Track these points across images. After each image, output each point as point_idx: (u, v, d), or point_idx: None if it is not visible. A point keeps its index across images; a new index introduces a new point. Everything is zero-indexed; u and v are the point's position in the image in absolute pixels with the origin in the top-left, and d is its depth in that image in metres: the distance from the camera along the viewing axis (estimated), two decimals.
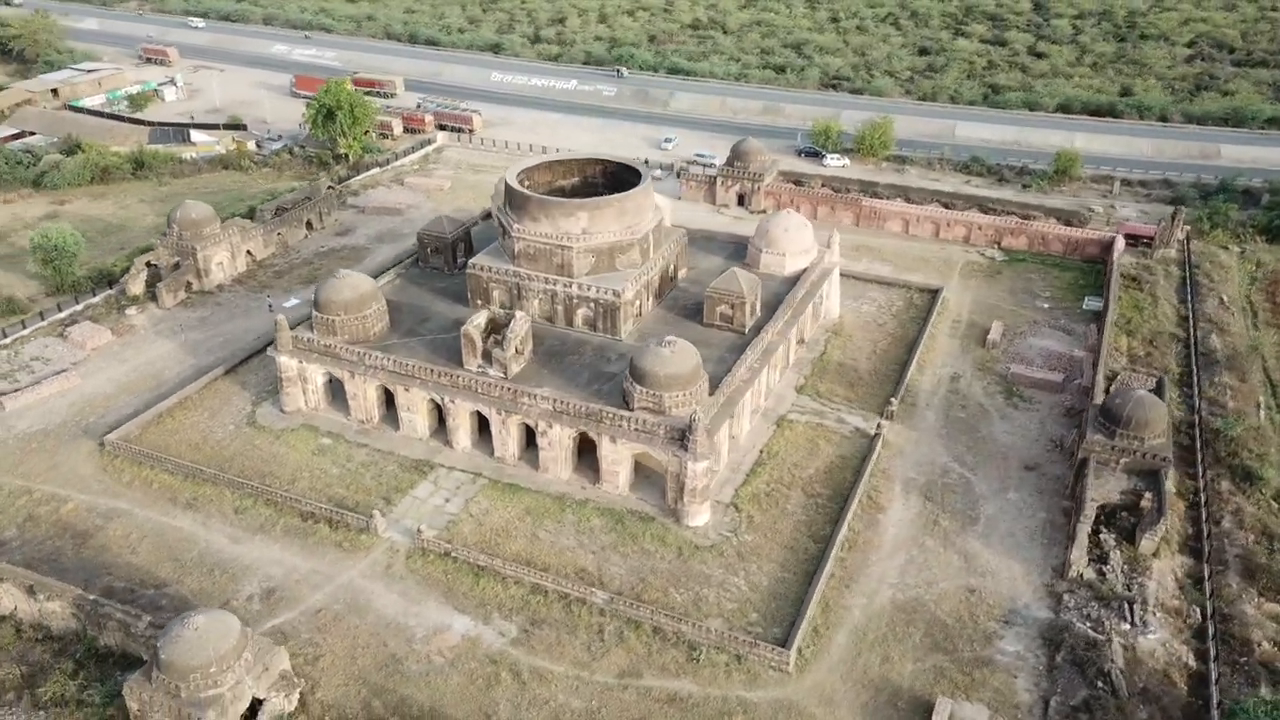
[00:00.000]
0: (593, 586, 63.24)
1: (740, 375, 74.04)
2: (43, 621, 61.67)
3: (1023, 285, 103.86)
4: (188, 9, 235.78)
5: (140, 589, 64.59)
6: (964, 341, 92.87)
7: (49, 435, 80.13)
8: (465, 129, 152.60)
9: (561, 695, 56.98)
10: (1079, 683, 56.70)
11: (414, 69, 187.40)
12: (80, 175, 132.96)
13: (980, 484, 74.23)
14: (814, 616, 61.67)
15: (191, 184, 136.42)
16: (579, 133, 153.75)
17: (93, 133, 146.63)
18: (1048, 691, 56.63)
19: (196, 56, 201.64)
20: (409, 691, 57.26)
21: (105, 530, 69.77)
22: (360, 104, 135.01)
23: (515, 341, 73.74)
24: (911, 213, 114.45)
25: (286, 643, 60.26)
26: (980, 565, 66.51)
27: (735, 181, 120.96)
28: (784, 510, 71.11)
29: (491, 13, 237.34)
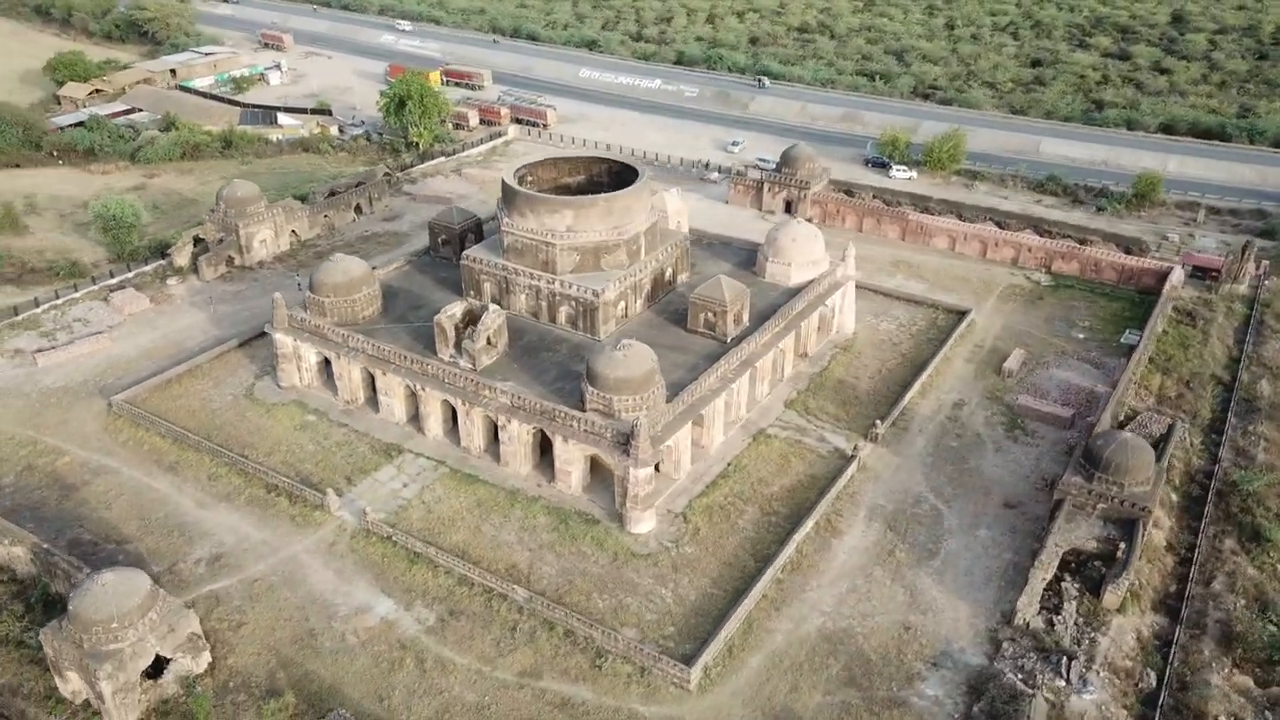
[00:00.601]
0: (517, 584, 63.14)
1: (708, 384, 72.63)
2: (10, 565, 65.80)
3: (1062, 313, 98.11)
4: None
5: (103, 543, 68.21)
6: (980, 367, 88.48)
7: (69, 392, 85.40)
8: (540, 123, 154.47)
9: (458, 688, 57.26)
10: None
11: (508, 63, 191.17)
12: (171, 151, 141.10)
13: (951, 518, 70.65)
14: (731, 637, 60.03)
15: (272, 164, 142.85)
16: (650, 132, 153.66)
17: (191, 112, 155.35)
18: None
19: (311, 43, 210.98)
20: (314, 667, 58.59)
21: (90, 485, 73.94)
22: (430, 94, 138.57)
23: (485, 334, 74.39)
24: (959, 230, 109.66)
25: (218, 607, 62.74)
26: (925, 602, 63.35)
27: (782, 188, 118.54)
28: (734, 525, 69.42)
29: (600, 10, 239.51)
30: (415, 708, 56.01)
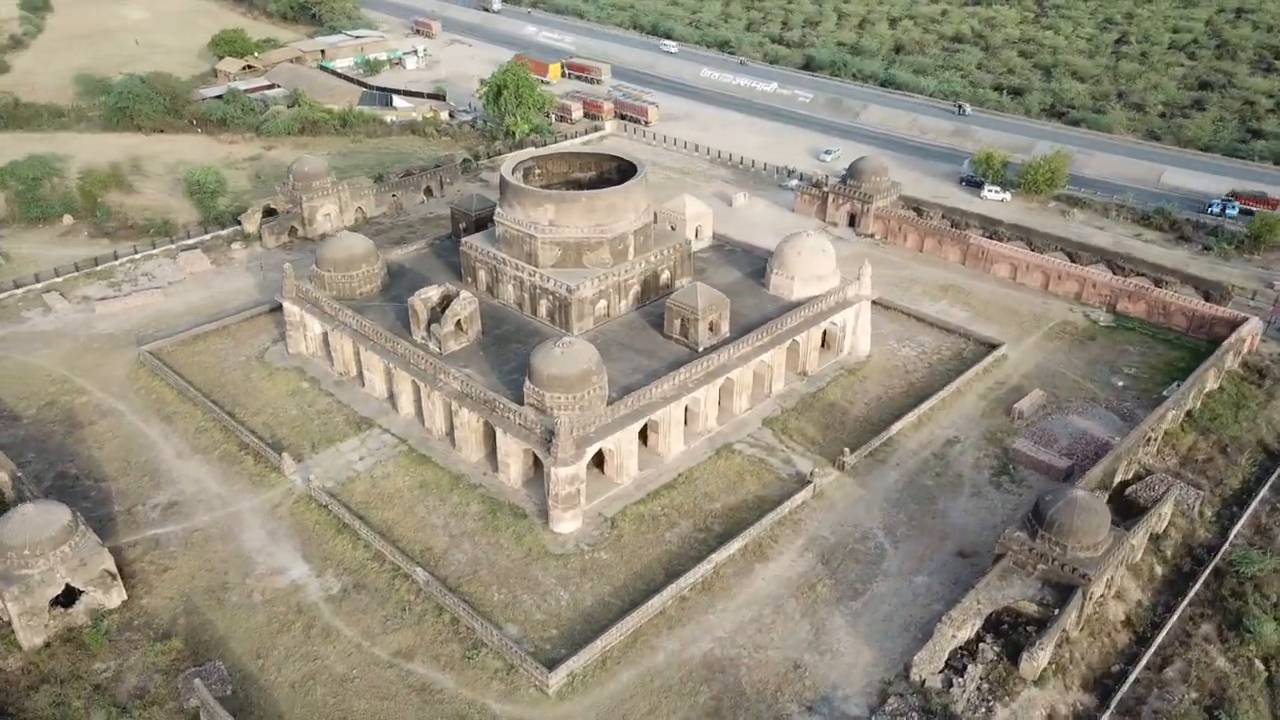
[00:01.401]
0: (421, 566, 64.07)
1: (660, 391, 71.28)
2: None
3: (1111, 357, 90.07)
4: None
5: (83, 479, 74.00)
6: (992, 405, 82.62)
7: (113, 339, 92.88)
8: (641, 120, 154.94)
9: (332, 657, 58.84)
10: None
11: (636, 59, 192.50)
12: (290, 126, 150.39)
13: (894, 560, 66.54)
14: (611, 649, 58.89)
15: (379, 144, 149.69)
16: (748, 135, 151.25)
17: (319, 90, 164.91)
18: None
19: (459, 32, 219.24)
20: (214, 618, 61.62)
21: (95, 425, 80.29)
22: (527, 85, 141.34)
23: (454, 319, 75.73)
24: (1021, 258, 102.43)
25: (154, 550, 66.98)
26: (828, 643, 60.09)
27: (846, 200, 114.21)
28: (660, 537, 67.94)
29: (750, 10, 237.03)
30: (285, 670, 57.93)
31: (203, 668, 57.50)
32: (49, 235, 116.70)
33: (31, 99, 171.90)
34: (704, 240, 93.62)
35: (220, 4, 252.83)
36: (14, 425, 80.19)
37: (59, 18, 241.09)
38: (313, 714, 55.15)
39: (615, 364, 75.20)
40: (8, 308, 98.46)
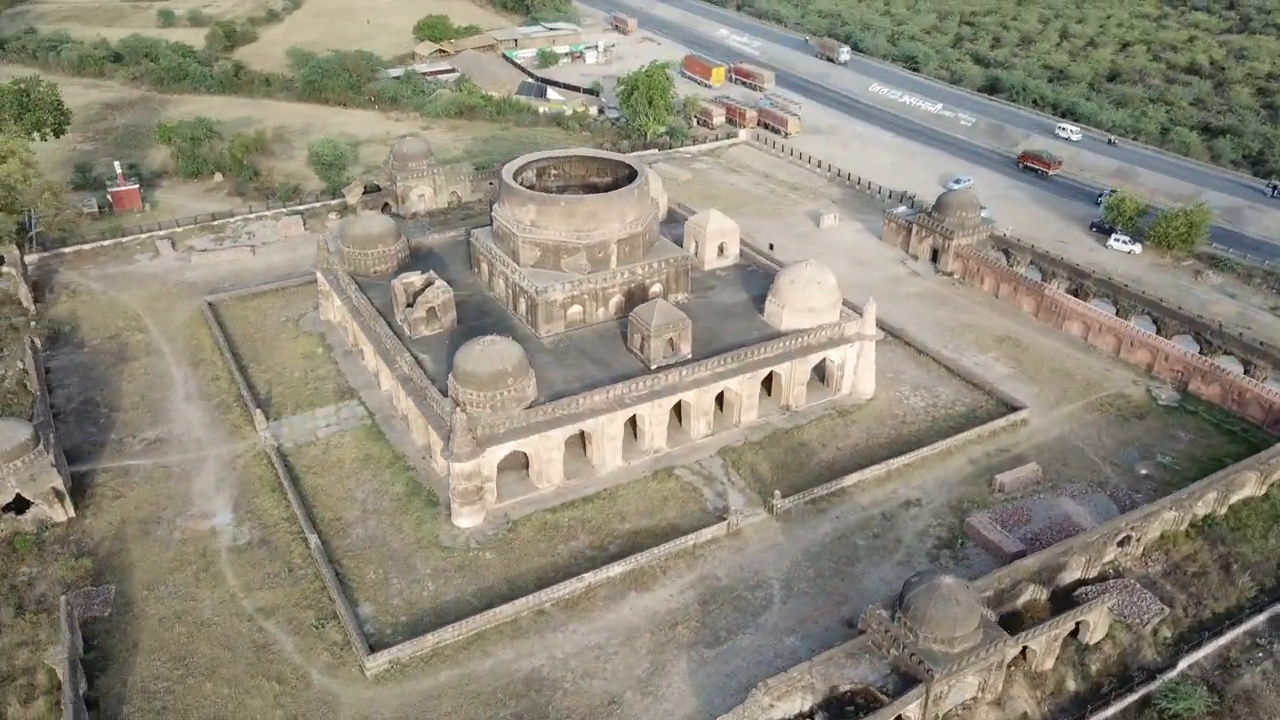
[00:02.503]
0: (315, 534, 67.49)
1: (589, 403, 70.89)
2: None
3: (1152, 440, 79.59)
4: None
5: (102, 406, 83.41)
6: (980, 471, 75.55)
7: (192, 287, 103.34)
8: (781, 130, 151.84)
9: (205, 602, 63.42)
10: None
11: (809, 68, 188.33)
12: (448, 108, 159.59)
13: (775, 616, 62.96)
14: (445, 646, 59.88)
15: (522, 133, 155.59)
16: (883, 154, 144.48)
17: (486, 77, 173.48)
18: None
19: (656, 30, 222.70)
20: (132, 547, 68.04)
21: (136, 361, 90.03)
22: (658, 88, 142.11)
23: (425, 306, 78.69)
24: (1094, 318, 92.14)
25: (121, 479, 74.68)
26: (658, 685, 58.14)
27: (929, 234, 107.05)
28: (553, 548, 67.88)
29: (964, 24, 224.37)
30: (160, 605, 63.09)
31: (96, 589, 63.70)
32: (198, 189, 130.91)
33: (259, 68, 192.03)
34: (729, 258, 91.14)
35: None
36: (76, 351, 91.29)
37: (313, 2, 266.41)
38: (160, 648, 59.79)
39: (567, 370, 75.44)
40: (127, 249, 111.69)
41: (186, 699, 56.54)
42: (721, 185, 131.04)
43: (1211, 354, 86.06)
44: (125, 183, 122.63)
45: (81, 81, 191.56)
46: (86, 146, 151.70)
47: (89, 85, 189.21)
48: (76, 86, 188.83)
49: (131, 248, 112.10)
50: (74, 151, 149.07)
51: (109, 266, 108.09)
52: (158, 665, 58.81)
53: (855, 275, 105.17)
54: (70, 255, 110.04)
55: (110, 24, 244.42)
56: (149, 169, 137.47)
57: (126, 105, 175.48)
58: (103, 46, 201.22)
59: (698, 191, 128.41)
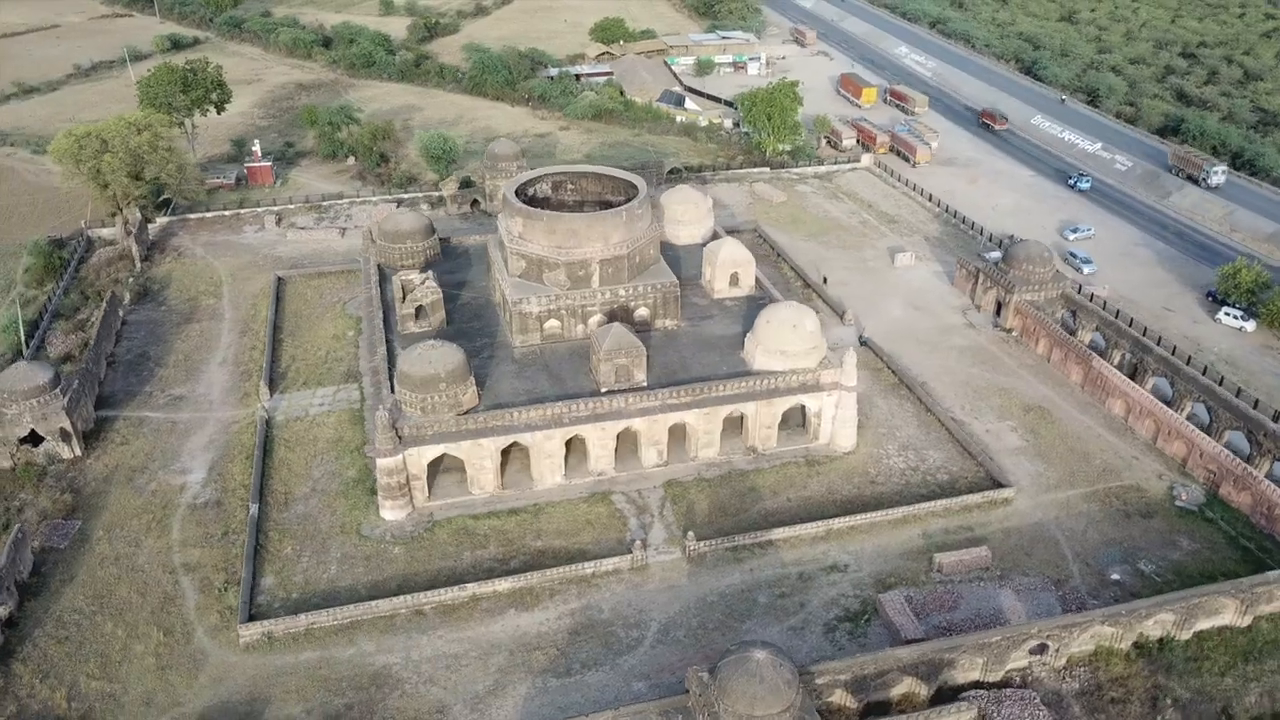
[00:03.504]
0: (256, 504, 72.85)
1: (524, 418, 72.29)
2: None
3: (1145, 544, 71.24)
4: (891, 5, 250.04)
5: (150, 361, 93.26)
6: (929, 548, 70.61)
7: (277, 261, 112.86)
8: (910, 158, 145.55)
9: (145, 549, 70.06)
10: None
11: (976, 93, 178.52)
12: (587, 110, 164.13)
13: (637, 659, 62.03)
14: (318, 628, 63.28)
15: (650, 139, 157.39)
16: (1009, 193, 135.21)
17: (632, 83, 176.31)
18: None
19: (837, 44, 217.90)
20: (110, 490, 76.06)
21: (198, 324, 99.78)
22: (779, 106, 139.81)
23: (414, 303, 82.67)
24: (1136, 398, 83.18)
25: (134, 426, 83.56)
26: (490, 705, 58.94)
27: (993, 285, 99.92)
28: (460, 554, 69.91)
29: (1180, 57, 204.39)
30: (108, 546, 70.30)
31: (65, 522, 72.03)
32: (329, 171, 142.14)
33: (447, 60, 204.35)
34: (742, 289, 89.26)
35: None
36: (155, 309, 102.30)
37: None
38: (89, 584, 66.87)
39: (524, 382, 77.19)
40: (241, 220, 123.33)
41: (87, 633, 62.98)
42: (813, 211, 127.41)
43: (1259, 457, 75.65)
44: (259, 159, 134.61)
45: (289, 63, 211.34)
46: (263, 122, 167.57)
47: (294, 66, 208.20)
48: (284, 67, 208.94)
49: (245, 219, 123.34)
50: (250, 126, 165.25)
51: (218, 235, 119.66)
52: (80, 599, 65.71)
53: (906, 320, 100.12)
54: (193, 222, 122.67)
55: (339, 10, 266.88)
56: (301, 148, 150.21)
57: (315, 87, 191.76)
58: (313, 31, 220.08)
59: (785, 215, 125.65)
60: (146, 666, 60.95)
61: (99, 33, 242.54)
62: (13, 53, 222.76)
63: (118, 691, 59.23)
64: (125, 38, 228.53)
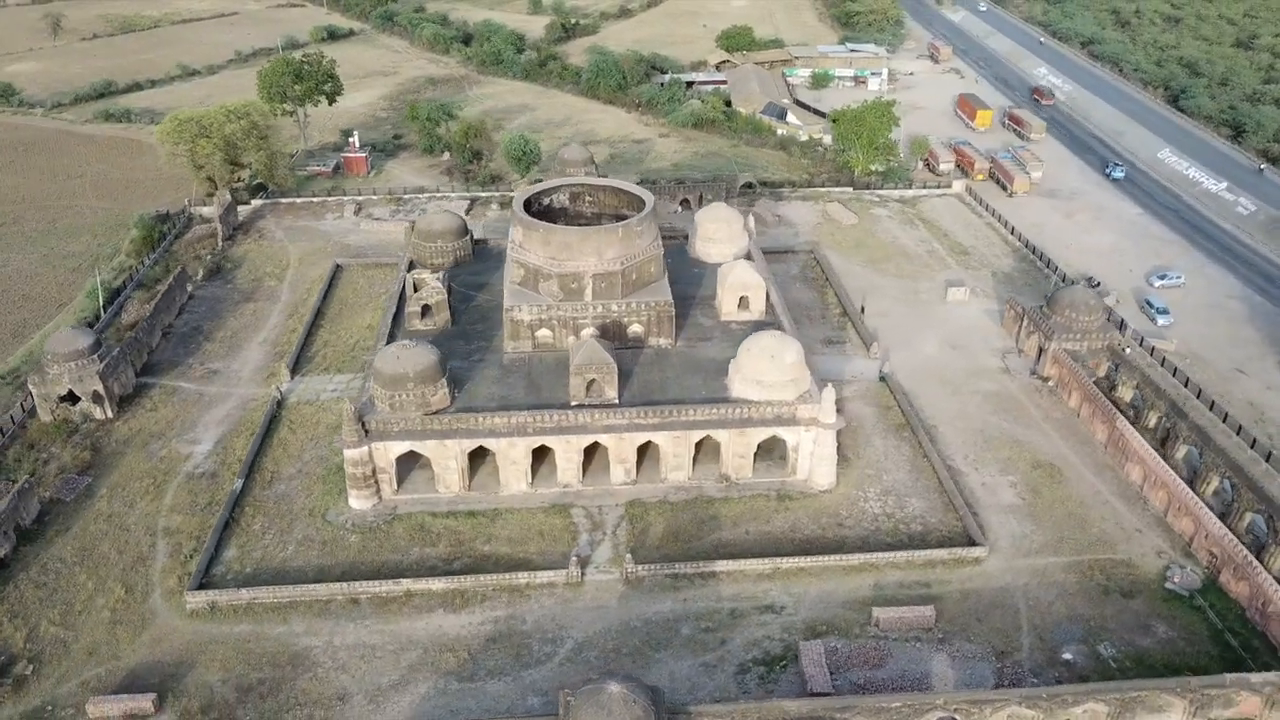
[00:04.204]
0: (241, 479, 77.65)
1: (487, 424, 74.07)
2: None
3: (1114, 626, 65.83)
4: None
5: (198, 334, 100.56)
6: (875, 600, 67.87)
7: (344, 249, 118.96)
8: (1007, 186, 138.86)
9: (136, 510, 75.70)
10: None
11: (1104, 121, 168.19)
12: (688, 119, 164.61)
13: (541, 675, 62.44)
14: (259, 603, 67.08)
15: (744, 151, 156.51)
16: (1107, 233, 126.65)
17: (740, 93, 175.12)
18: None
19: (976, 61, 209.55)
20: (127, 452, 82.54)
21: (253, 303, 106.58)
22: (868, 125, 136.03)
23: (420, 302, 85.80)
24: (1152, 467, 77.05)
25: (166, 394, 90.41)
26: (384, 698, 60.89)
27: (1036, 330, 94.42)
28: (409, 549, 72.07)
29: None
30: (108, 504, 76.39)
31: (78, 478, 78.91)
32: (424, 164, 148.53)
33: (576, 61, 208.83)
34: (752, 313, 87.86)
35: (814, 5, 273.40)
36: (222, 286, 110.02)
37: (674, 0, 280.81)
38: (79, 537, 73.00)
39: (503, 388, 78.90)
40: (327, 207, 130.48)
41: (62, 581, 68.88)
42: (881, 236, 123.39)
43: (1275, 547, 68.75)
44: (356, 149, 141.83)
45: (427, 57, 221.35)
46: (383, 114, 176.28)
47: (431, 61, 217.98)
48: (422, 61, 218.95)
49: (329, 207, 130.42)
50: (370, 116, 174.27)
51: (300, 220, 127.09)
52: (68, 550, 71.90)
53: (939, 358, 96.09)
54: (283, 206, 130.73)
55: (491, 7, 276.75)
56: (405, 142, 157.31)
57: (445, 81, 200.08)
58: (455, 28, 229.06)
59: (850, 239, 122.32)
60: (101, 619, 65.98)
61: (270, 21, 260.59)
62: (188, 37, 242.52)
63: (69, 639, 64.39)
64: (292, 27, 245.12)
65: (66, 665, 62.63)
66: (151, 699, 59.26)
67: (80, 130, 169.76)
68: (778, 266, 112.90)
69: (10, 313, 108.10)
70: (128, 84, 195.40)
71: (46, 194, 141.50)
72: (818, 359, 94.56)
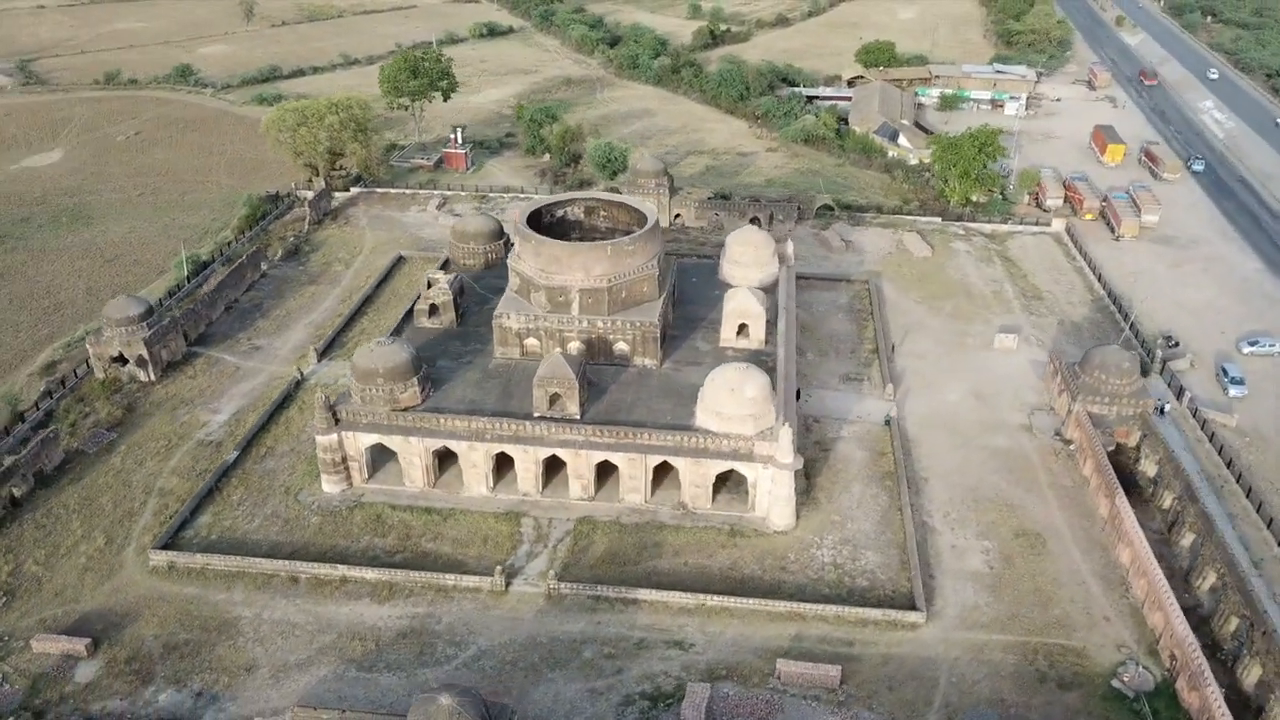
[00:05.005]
0: (237, 450, 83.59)
1: (448, 425, 76.64)
2: None
3: (1032, 716, 61.75)
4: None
5: (258, 310, 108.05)
6: (787, 650, 66.01)
7: (416, 240, 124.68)
8: (1115, 228, 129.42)
9: (144, 468, 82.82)
10: None
11: (1261, 163, 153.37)
12: (798, 134, 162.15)
13: (432, 675, 64.75)
14: (211, 569, 72.44)
15: (851, 171, 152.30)
16: (1212, 288, 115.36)
17: (859, 111, 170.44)
18: None
19: (1137, 88, 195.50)
20: (154, 414, 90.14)
21: (316, 286, 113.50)
22: (965, 155, 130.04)
23: (430, 300, 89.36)
24: (1139, 551, 70.75)
25: (206, 364, 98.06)
26: (286, 675, 64.35)
27: (1066, 389, 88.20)
28: (361, 537, 75.48)
29: None
30: (123, 460, 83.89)
31: (105, 432, 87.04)
32: (522, 164, 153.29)
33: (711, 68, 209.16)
34: (751, 340, 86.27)
35: (983, 8, 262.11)
36: (294, 268, 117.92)
37: (838, 10, 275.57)
38: (88, 486, 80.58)
39: (479, 391, 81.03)
40: (416, 200, 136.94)
41: (59, 525, 76.37)
42: (950, 272, 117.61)
43: (1248, 658, 62.17)
44: (456, 146, 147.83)
45: (574, 57, 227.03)
46: (508, 111, 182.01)
47: (575, 61, 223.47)
48: (567, 61, 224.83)
49: (418, 200, 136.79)
50: (495, 113, 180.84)
51: (387, 210, 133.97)
52: (73, 497, 79.57)
53: (960, 407, 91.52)
54: (377, 195, 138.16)
55: (655, 10, 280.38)
56: (514, 141, 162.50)
57: (579, 82, 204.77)
58: (601, 29, 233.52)
59: (916, 272, 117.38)
60: (76, 564, 72.75)
61: (442, 15, 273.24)
62: (364, 28, 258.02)
63: (45, 579, 71.43)
64: (460, 21, 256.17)
65: (34, 602, 69.39)
66: (86, 643, 64.87)
67: (236, 111, 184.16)
68: (825, 295, 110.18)
69: (120, 275, 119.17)
70: (292, 70, 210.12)
71: (187, 169, 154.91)
72: (826, 394, 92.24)
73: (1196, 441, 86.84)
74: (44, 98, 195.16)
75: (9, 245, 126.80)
